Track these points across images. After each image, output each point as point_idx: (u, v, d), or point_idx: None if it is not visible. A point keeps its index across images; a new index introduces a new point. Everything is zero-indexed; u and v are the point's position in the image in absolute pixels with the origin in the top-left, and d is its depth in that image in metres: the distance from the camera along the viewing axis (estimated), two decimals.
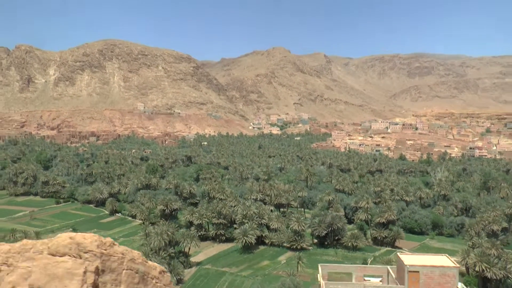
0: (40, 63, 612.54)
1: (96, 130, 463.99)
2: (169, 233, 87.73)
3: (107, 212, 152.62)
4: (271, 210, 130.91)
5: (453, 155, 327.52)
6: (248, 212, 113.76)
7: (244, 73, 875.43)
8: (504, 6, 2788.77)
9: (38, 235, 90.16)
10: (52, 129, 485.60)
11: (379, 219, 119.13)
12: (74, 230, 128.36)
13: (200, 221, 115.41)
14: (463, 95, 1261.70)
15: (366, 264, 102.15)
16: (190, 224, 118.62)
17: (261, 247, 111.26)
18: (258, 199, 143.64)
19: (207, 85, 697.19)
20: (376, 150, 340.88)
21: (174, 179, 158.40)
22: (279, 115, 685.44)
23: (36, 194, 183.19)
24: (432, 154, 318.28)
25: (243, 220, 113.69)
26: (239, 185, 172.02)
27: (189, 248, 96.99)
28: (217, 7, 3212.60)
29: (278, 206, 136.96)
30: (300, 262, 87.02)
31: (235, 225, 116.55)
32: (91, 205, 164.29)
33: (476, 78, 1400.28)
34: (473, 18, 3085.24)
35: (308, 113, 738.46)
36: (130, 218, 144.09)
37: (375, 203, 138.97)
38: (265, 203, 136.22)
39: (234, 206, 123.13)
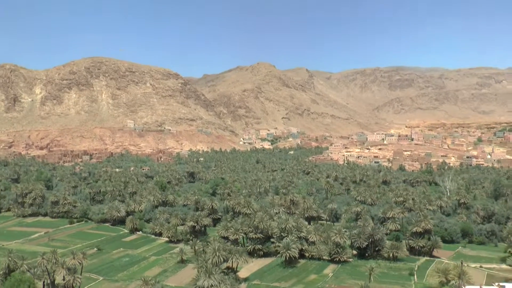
0: (25, 82, 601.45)
1: (87, 149, 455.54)
2: (224, 249, 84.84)
3: (126, 231, 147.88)
4: None
5: (451, 164, 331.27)
6: (287, 226, 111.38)
7: (230, 89, 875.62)
8: (478, 20, 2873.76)
9: (85, 255, 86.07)
10: (41, 148, 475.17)
11: (415, 228, 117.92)
12: (99, 250, 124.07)
13: (236, 236, 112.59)
14: (444, 106, 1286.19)
15: (413, 274, 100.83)
16: (224, 239, 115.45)
17: (302, 261, 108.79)
18: (280, 212, 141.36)
19: (195, 101, 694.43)
20: (375, 162, 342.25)
21: (194, 195, 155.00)
22: (269, 130, 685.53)
23: (45, 215, 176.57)
24: (431, 164, 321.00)
25: (281, 234, 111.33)
26: (258, 199, 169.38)
27: (237, 264, 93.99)
28: (198, 23, 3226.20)
29: (308, 219, 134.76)
30: (372, 273, 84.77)
31: (272, 239, 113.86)
32: (106, 224, 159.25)
33: (455, 90, 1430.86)
34: (449, 31, 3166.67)
35: (296, 127, 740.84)
36: (153, 236, 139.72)
37: (402, 212, 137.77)
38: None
39: (267, 220, 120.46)
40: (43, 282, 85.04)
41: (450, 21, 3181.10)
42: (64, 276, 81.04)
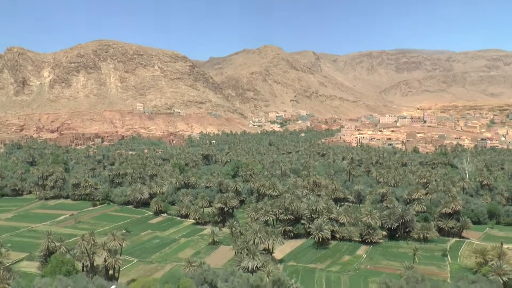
0: (33, 65, 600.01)
1: (98, 132, 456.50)
2: (264, 230, 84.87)
3: (151, 213, 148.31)
4: None
5: (465, 146, 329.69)
6: (318, 207, 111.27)
7: (238, 72, 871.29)
8: (485, 1, 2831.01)
9: (124, 237, 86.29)
10: (52, 131, 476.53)
11: (445, 209, 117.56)
12: (128, 232, 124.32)
13: (267, 218, 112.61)
14: (451, 88, 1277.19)
15: (446, 255, 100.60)
16: (254, 221, 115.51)
17: (333, 242, 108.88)
18: (304, 194, 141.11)
19: (204, 84, 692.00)
20: (388, 144, 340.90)
21: (217, 177, 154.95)
22: (277, 112, 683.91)
23: (66, 197, 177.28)
24: (445, 146, 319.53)
25: (312, 215, 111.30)
26: (280, 181, 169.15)
27: (273, 246, 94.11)
28: (203, 6, 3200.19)
29: (334, 201, 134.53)
30: (416, 253, 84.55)
31: (302, 221, 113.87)
32: (129, 206, 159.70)
33: (463, 72, 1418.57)
34: (456, 14, 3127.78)
35: (305, 109, 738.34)
36: (178, 218, 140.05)
37: (429, 194, 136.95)
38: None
39: (297, 202, 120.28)
40: (83, 263, 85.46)
41: (456, 3, 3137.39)
42: (105, 258, 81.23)
